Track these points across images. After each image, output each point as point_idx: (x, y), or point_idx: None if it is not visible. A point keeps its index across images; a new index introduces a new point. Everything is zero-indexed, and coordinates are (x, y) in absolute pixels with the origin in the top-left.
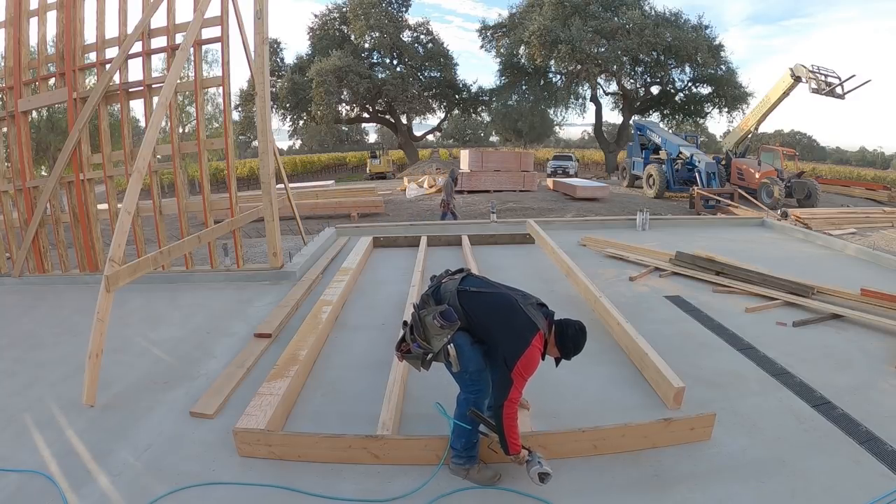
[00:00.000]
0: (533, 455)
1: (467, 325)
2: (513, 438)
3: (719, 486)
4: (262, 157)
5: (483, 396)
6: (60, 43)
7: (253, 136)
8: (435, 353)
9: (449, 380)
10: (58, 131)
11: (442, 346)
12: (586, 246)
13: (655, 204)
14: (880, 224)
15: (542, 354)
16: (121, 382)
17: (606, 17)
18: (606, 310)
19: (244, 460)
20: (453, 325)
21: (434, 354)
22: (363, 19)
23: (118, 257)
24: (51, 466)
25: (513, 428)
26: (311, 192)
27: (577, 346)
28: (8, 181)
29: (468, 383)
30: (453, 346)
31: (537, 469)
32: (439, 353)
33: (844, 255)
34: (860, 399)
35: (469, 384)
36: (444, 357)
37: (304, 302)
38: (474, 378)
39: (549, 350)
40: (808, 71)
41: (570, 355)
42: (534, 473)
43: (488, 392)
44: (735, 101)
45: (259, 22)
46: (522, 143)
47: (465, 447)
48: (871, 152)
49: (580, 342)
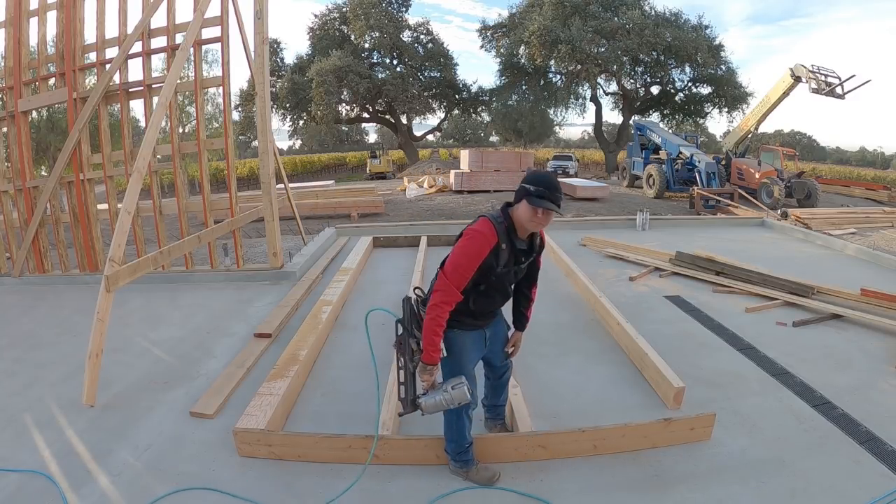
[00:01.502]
0: (461, 383)
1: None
2: (429, 344)
3: (719, 486)
4: (262, 157)
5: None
6: (60, 43)
7: (253, 136)
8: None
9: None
10: (58, 131)
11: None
12: (586, 246)
13: (655, 204)
14: (880, 224)
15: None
16: (121, 382)
17: (606, 17)
18: (606, 310)
19: (244, 460)
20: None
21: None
22: (363, 19)
23: (118, 257)
24: (51, 466)
25: (432, 333)
26: (311, 192)
27: (538, 179)
28: (8, 181)
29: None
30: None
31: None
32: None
33: (844, 255)
34: (860, 399)
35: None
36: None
37: (304, 302)
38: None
39: (516, 213)
40: (808, 71)
41: (536, 190)
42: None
43: (475, 402)
44: (735, 101)
45: (259, 22)
46: (522, 143)
47: (458, 451)
48: (871, 152)
49: (543, 176)
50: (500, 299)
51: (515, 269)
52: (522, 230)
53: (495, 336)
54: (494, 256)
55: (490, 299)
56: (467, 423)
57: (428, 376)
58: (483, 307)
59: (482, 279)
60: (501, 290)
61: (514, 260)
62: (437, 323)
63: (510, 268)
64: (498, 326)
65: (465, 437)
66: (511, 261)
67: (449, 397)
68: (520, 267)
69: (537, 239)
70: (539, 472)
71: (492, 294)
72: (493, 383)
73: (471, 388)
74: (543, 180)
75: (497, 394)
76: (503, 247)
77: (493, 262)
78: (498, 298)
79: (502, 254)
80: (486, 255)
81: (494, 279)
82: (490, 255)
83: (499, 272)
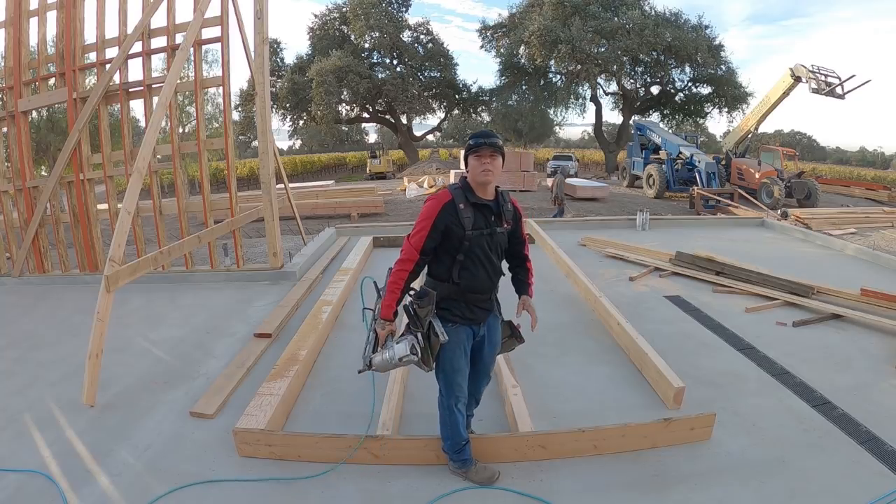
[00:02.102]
0: (405, 339)
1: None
2: (385, 300)
3: (719, 486)
4: (262, 157)
5: (460, 398)
6: (60, 43)
7: (253, 136)
8: (425, 332)
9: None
10: (58, 131)
11: (427, 324)
12: (586, 246)
13: (655, 204)
14: (880, 224)
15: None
16: (121, 382)
17: (606, 17)
18: (606, 310)
19: (244, 460)
20: (429, 299)
21: (424, 336)
22: (363, 19)
23: (118, 257)
24: (51, 466)
25: (390, 290)
26: (312, 192)
27: (473, 134)
28: (8, 181)
29: (442, 381)
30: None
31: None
32: (428, 334)
33: (844, 255)
34: (860, 399)
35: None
36: (427, 338)
37: (304, 302)
38: (449, 378)
39: (469, 174)
40: (808, 71)
41: (473, 141)
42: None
43: (465, 396)
44: (735, 101)
45: (259, 22)
46: (522, 143)
47: (454, 449)
48: (871, 152)
49: (478, 131)
50: (484, 274)
51: (489, 234)
52: (480, 187)
53: (491, 340)
54: (454, 216)
55: (472, 272)
56: (460, 419)
57: (381, 331)
58: (469, 283)
59: (455, 245)
60: (483, 261)
61: (484, 222)
62: (395, 282)
63: (481, 230)
64: (494, 330)
65: (460, 433)
66: (480, 222)
67: (392, 353)
68: (494, 230)
69: (507, 204)
70: (539, 472)
71: (474, 266)
72: (470, 389)
73: (417, 348)
74: (477, 133)
75: (470, 404)
76: (461, 206)
77: (454, 223)
78: (481, 272)
79: (462, 213)
80: (440, 213)
81: (468, 245)
82: (446, 214)
83: (469, 235)
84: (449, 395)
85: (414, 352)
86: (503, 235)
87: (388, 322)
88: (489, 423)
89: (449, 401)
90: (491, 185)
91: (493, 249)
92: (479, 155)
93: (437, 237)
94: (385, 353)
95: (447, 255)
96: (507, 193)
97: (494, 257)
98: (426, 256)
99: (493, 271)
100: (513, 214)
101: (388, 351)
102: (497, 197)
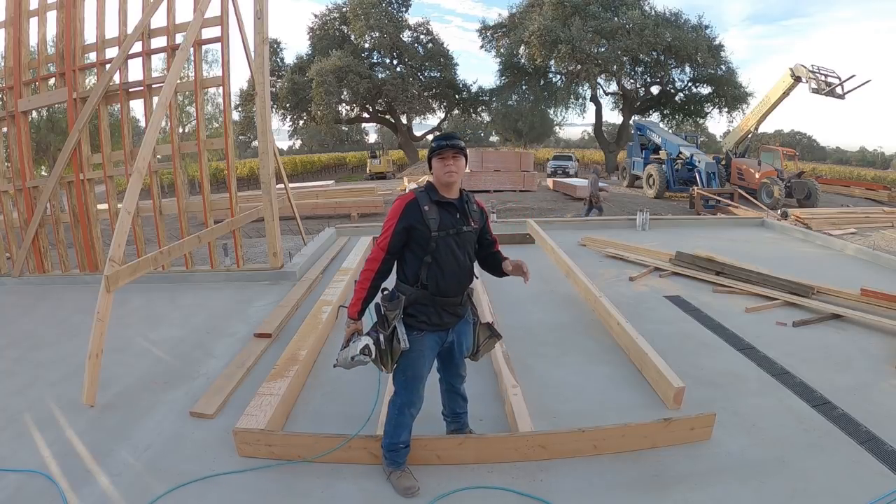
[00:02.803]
0: (361, 339)
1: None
2: (353, 300)
3: (719, 486)
4: (262, 157)
5: (415, 403)
6: (60, 43)
7: (253, 136)
8: (388, 335)
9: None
10: (58, 131)
11: (392, 328)
12: (586, 246)
13: (655, 204)
14: (880, 224)
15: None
16: (121, 382)
17: (606, 17)
18: (606, 310)
19: (244, 460)
20: (397, 303)
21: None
22: (363, 19)
23: (118, 257)
24: (51, 466)
25: (358, 290)
26: (311, 192)
27: (435, 137)
28: (8, 181)
29: (399, 383)
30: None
31: (353, 344)
32: (391, 337)
33: (844, 255)
34: (860, 399)
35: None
36: (390, 341)
37: (304, 302)
38: (408, 382)
39: (434, 176)
40: (808, 71)
41: (435, 143)
42: (350, 346)
43: (419, 403)
44: (735, 101)
45: (259, 22)
46: (522, 143)
47: (389, 448)
48: (871, 152)
49: (440, 134)
50: (453, 276)
51: (456, 233)
52: (445, 188)
53: (460, 344)
54: (418, 216)
55: (441, 275)
56: (408, 422)
57: (347, 329)
58: (438, 286)
59: (421, 246)
60: (452, 263)
61: (451, 221)
62: (362, 282)
63: (447, 231)
64: (465, 335)
65: (400, 436)
66: (447, 222)
67: (348, 352)
68: (461, 229)
69: (472, 204)
70: (539, 472)
71: (442, 268)
72: (447, 388)
73: (371, 349)
74: (439, 135)
75: (455, 399)
76: (425, 208)
77: (419, 223)
78: (450, 275)
79: (427, 214)
80: (403, 212)
81: (435, 246)
82: (410, 213)
83: (435, 236)
84: (404, 398)
85: (366, 352)
86: (471, 235)
87: (353, 321)
88: (489, 423)
89: (402, 403)
90: (455, 186)
91: (461, 249)
92: (443, 157)
93: (402, 237)
94: (346, 351)
95: (415, 257)
96: (471, 194)
97: (464, 258)
98: (393, 256)
99: (462, 274)
100: (479, 215)
101: (348, 349)
102: (461, 195)
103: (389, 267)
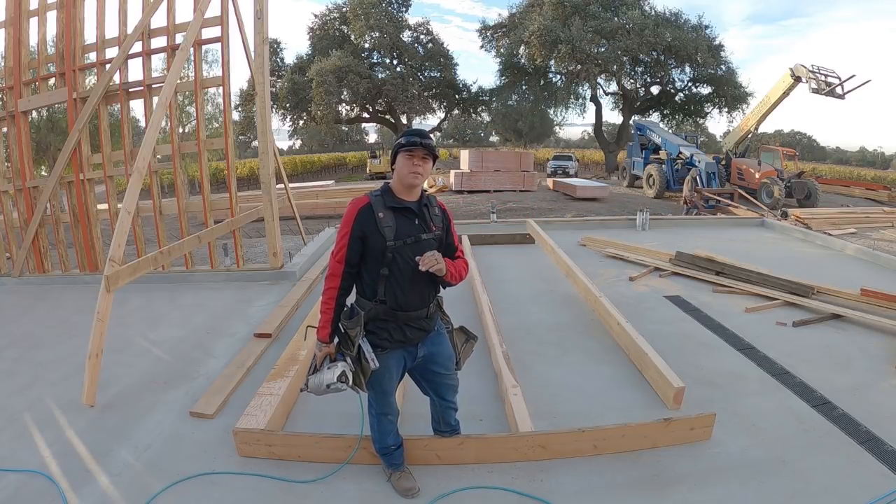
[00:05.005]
0: (334, 365)
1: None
2: (321, 322)
3: (719, 486)
4: (262, 157)
5: (389, 413)
6: (60, 43)
7: (253, 136)
8: (355, 356)
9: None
10: (58, 131)
11: (357, 347)
12: (586, 246)
13: (655, 204)
14: (880, 224)
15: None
16: (121, 382)
17: (606, 17)
18: (606, 310)
19: (244, 460)
20: (357, 319)
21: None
22: (363, 19)
23: (118, 257)
24: (51, 466)
25: (324, 312)
26: (312, 192)
27: (405, 133)
28: (8, 181)
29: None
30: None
31: (328, 371)
32: (357, 358)
33: (844, 255)
34: (860, 399)
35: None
36: (358, 361)
37: (304, 302)
38: (378, 397)
39: (396, 172)
40: (807, 71)
41: (405, 139)
42: (322, 373)
43: (395, 412)
44: (735, 101)
45: (259, 22)
46: (522, 143)
47: (381, 452)
48: (871, 152)
49: (410, 129)
50: (412, 290)
51: (414, 242)
52: (406, 190)
53: (435, 357)
54: (371, 224)
55: (400, 288)
56: (389, 427)
57: (318, 352)
58: (397, 300)
59: (377, 258)
60: (411, 275)
61: (408, 229)
62: (326, 302)
63: (404, 240)
64: (439, 346)
65: (386, 440)
66: (403, 230)
67: (321, 378)
68: (419, 237)
69: (434, 208)
70: (539, 472)
71: (401, 281)
72: (440, 404)
73: (347, 375)
74: (411, 131)
75: (450, 413)
76: (380, 215)
77: (373, 231)
78: (410, 288)
79: (382, 222)
80: (356, 218)
81: (392, 256)
82: (363, 220)
83: (391, 246)
84: (377, 409)
85: (342, 379)
86: (431, 242)
87: (325, 344)
88: (489, 423)
89: (378, 413)
90: (417, 189)
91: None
92: (412, 154)
93: (357, 246)
94: (318, 375)
95: (370, 270)
96: (434, 197)
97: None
98: (352, 268)
99: (424, 286)
100: (441, 220)
101: (321, 374)
102: (420, 198)
103: (352, 281)
